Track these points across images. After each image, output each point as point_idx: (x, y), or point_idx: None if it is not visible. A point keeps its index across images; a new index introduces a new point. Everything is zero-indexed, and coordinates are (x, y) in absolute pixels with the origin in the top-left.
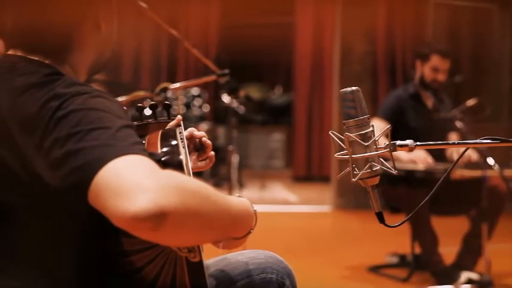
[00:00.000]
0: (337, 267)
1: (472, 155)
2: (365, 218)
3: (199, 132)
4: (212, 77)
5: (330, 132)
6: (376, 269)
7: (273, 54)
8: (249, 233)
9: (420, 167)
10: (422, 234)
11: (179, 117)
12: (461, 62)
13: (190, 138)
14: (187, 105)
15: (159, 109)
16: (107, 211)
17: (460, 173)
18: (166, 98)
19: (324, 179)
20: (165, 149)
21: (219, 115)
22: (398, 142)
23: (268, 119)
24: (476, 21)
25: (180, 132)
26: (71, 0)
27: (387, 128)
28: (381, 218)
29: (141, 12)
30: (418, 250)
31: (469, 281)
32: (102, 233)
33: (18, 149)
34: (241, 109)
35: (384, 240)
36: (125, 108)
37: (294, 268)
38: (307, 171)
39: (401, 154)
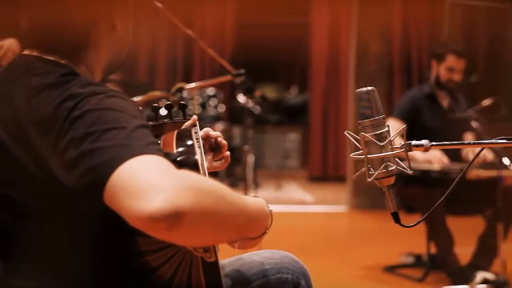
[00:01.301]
0: (353, 267)
1: (488, 155)
2: (380, 218)
3: (215, 132)
4: (228, 77)
5: (345, 132)
6: (391, 269)
7: (288, 54)
8: (265, 233)
9: (436, 167)
10: (438, 234)
11: (195, 117)
12: (477, 62)
13: (206, 138)
14: (203, 105)
15: (175, 109)
16: (123, 211)
17: (475, 173)
18: (182, 98)
19: (340, 179)
20: (180, 149)
21: (234, 115)
22: (414, 142)
23: (284, 119)
24: (492, 21)
25: (195, 132)
26: (87, 0)
27: (403, 128)
28: (396, 218)
29: (156, 12)
30: (433, 250)
31: (485, 281)
32: (118, 233)
33: (34, 149)
34: (257, 109)
35: (399, 240)
36: (140, 108)
37: (309, 268)
38: (323, 171)
39: (416, 154)
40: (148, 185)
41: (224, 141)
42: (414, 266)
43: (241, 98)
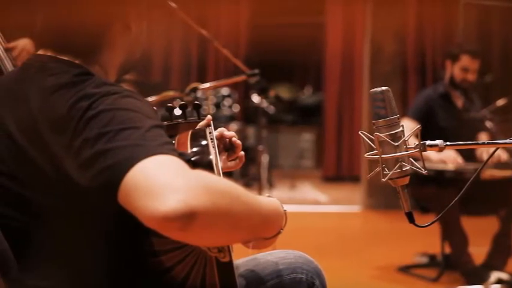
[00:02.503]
0: (367, 267)
1: (502, 155)
2: (395, 218)
3: (229, 132)
4: (242, 77)
5: (359, 132)
6: (405, 269)
7: (303, 54)
8: (279, 233)
9: (450, 167)
10: (452, 234)
11: (209, 117)
12: (491, 62)
13: (220, 138)
14: (217, 105)
15: (189, 109)
16: (137, 211)
17: (489, 173)
18: (196, 98)
19: (354, 179)
20: (195, 149)
21: (249, 115)
22: (428, 142)
23: (298, 119)
24: (506, 21)
25: (210, 132)
26: (101, 0)
27: (417, 128)
28: (410, 218)
29: (171, 12)
30: (448, 250)
31: (499, 281)
32: (132, 233)
33: (49, 149)
34: (271, 109)
35: (414, 240)
36: (154, 108)
37: (323, 268)
38: (337, 171)
39: (431, 154)
40: (162, 185)
41: (238, 141)
42: (428, 266)
43: (255, 98)
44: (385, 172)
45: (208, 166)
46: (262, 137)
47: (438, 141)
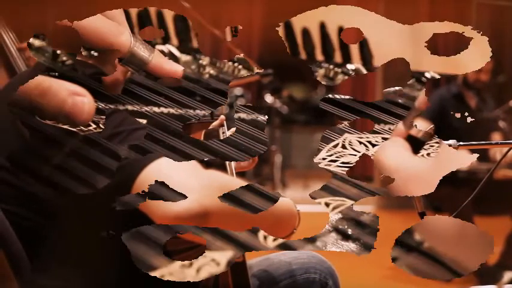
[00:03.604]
0: (380, 267)
1: None
2: (408, 218)
3: None
4: (255, 77)
5: None
6: None
7: None
8: (292, 233)
9: (463, 167)
10: None
11: (222, 117)
12: (504, 61)
13: None
14: (230, 105)
15: None
16: (150, 211)
17: (503, 173)
18: None
19: (367, 178)
20: None
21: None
22: None
23: (311, 119)
24: None
25: (223, 132)
26: (113, 1)
27: (430, 128)
28: (423, 218)
29: (183, 11)
30: None
31: None
32: None
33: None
34: (284, 109)
35: None
36: None
37: (336, 268)
38: (350, 171)
39: None
40: (175, 184)
41: None
42: None
43: (268, 98)
44: None
45: (221, 166)
46: (276, 137)
47: (451, 141)
